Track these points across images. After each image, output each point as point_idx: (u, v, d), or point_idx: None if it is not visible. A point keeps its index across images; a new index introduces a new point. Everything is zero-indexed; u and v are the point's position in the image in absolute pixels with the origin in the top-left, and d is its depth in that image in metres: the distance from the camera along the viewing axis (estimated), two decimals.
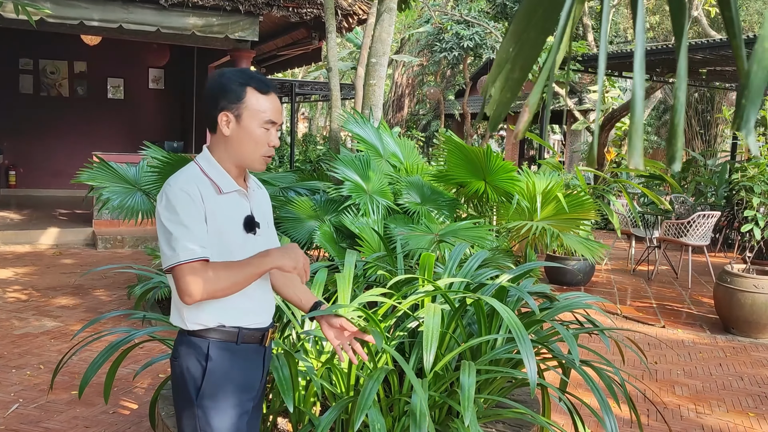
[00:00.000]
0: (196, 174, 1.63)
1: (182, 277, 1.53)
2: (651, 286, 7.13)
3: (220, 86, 1.63)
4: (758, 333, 5.22)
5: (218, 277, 1.54)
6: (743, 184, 5.37)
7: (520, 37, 0.60)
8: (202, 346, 1.64)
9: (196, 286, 1.53)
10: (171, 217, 1.56)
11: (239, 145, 1.64)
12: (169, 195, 1.58)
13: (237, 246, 1.64)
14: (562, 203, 4.87)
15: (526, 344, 2.02)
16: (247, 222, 1.68)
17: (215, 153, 1.68)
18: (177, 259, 1.53)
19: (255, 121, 1.62)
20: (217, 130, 1.65)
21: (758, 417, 3.71)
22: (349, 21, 8.39)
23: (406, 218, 4.84)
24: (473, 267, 2.90)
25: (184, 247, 1.53)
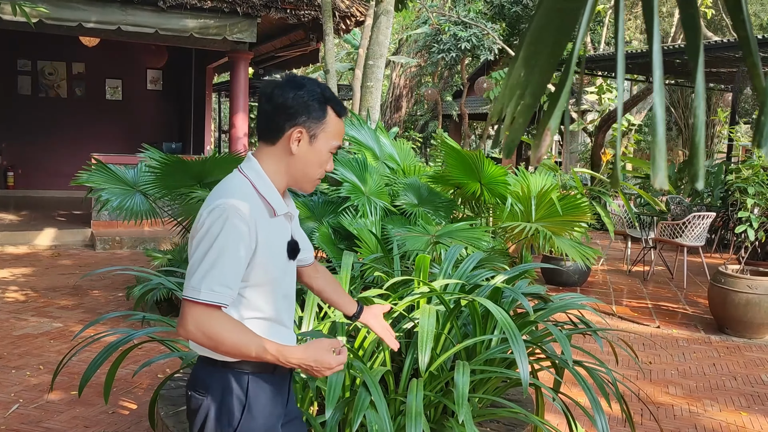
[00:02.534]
0: (250, 194, 1.47)
1: (190, 313, 1.40)
2: (646, 286, 7.18)
3: (300, 100, 1.48)
4: (752, 333, 5.26)
5: (225, 337, 1.40)
6: (737, 186, 5.42)
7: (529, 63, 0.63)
8: (240, 381, 1.52)
9: (198, 329, 1.40)
10: (212, 244, 1.40)
11: (302, 165, 1.52)
12: (221, 217, 1.41)
13: (280, 273, 1.54)
14: (556, 205, 4.91)
15: (519, 345, 2.06)
16: (291, 248, 1.57)
17: (267, 166, 1.52)
18: (197, 295, 1.39)
19: (327, 144, 1.52)
20: (281, 143, 1.51)
21: (751, 416, 3.75)
22: (347, 23, 8.43)
23: (403, 219, 4.88)
24: (468, 268, 2.94)
25: (209, 285, 1.39)
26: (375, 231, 4.70)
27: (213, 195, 1.47)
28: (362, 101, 5.98)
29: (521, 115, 0.59)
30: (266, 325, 1.54)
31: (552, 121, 0.58)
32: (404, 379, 2.37)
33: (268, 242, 1.48)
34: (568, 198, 5.03)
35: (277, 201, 1.51)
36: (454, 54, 17.34)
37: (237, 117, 8.99)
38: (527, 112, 0.59)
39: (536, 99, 0.59)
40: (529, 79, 0.58)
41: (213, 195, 1.47)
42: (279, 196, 1.52)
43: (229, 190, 1.46)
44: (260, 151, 1.54)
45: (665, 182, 0.55)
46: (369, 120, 5.87)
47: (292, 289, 1.65)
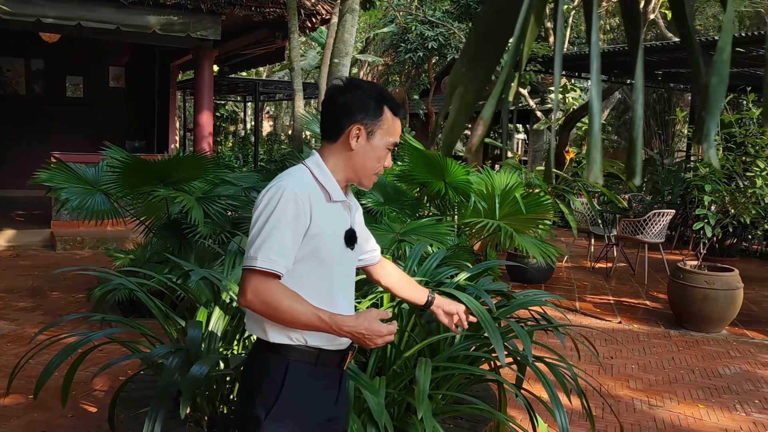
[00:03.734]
0: (307, 178, 1.61)
1: (249, 281, 1.51)
2: (609, 282, 7.31)
3: (359, 99, 1.61)
4: (709, 327, 5.40)
5: (282, 302, 1.50)
6: (695, 183, 5.55)
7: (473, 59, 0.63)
8: (280, 365, 1.60)
9: (256, 296, 1.50)
10: (269, 217, 1.52)
11: (362, 160, 1.63)
12: (277, 193, 1.54)
13: (334, 257, 1.63)
14: (519, 203, 4.97)
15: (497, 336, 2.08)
16: (349, 236, 1.66)
17: (328, 161, 1.64)
18: (254, 263, 1.50)
19: (383, 141, 1.63)
20: (341, 140, 1.62)
21: (707, 408, 3.85)
22: (313, 21, 8.40)
23: (369, 217, 4.87)
24: (432, 265, 2.95)
25: (266, 254, 1.50)
26: None
27: (275, 179, 1.61)
28: None
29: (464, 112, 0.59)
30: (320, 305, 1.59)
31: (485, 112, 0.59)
32: (368, 377, 2.37)
33: (322, 223, 1.58)
34: (532, 196, 5.09)
35: (333, 189, 1.62)
36: (421, 53, 17.40)
37: (202, 115, 8.88)
38: (469, 108, 0.59)
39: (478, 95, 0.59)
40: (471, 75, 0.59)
41: (275, 179, 1.61)
42: (336, 185, 1.63)
43: (288, 175, 1.61)
44: (322, 149, 1.67)
45: (599, 176, 0.56)
46: None
47: (349, 279, 1.72)
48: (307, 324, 1.53)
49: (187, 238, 4.72)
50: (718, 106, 0.54)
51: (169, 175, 4.85)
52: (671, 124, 17.12)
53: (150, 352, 2.34)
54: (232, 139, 18.37)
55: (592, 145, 0.56)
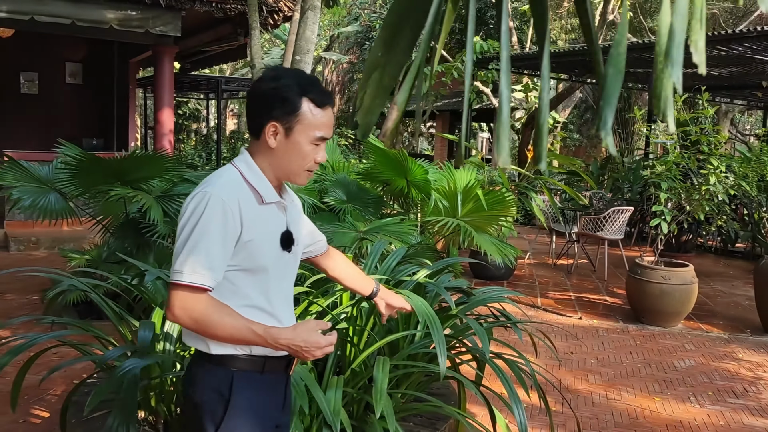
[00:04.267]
0: (236, 180, 1.50)
1: (175, 296, 1.41)
2: (570, 279, 7.41)
3: (274, 92, 1.48)
4: (666, 322, 5.52)
5: (212, 318, 1.41)
6: (652, 181, 5.66)
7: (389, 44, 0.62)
8: (225, 377, 1.51)
9: (184, 312, 1.41)
10: (194, 226, 1.42)
11: (284, 159, 1.52)
12: (203, 200, 1.44)
13: (270, 263, 1.53)
14: (481, 201, 5.00)
15: (439, 332, 2.08)
16: (285, 238, 1.56)
17: (257, 159, 1.54)
18: (180, 277, 1.41)
19: (306, 137, 1.50)
20: (262, 138, 1.51)
21: (663, 401, 3.93)
22: (275, 18, 8.32)
23: (332, 216, 4.85)
24: (393, 263, 2.95)
25: (192, 267, 1.41)
26: None
27: (201, 183, 1.50)
28: None
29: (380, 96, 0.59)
30: (256, 314, 1.51)
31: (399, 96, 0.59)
32: (327, 377, 2.36)
33: (255, 228, 1.49)
34: (493, 193, 5.13)
35: (265, 189, 1.52)
36: None
37: (162, 113, 8.72)
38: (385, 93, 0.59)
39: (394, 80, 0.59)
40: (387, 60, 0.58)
41: (201, 183, 1.50)
42: (269, 186, 1.53)
43: (215, 178, 1.50)
44: (251, 146, 1.56)
45: (508, 161, 0.57)
46: None
47: (287, 282, 1.64)
48: (241, 339, 1.45)
49: (146, 238, 4.63)
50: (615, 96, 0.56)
51: (127, 174, 4.75)
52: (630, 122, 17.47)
53: (102, 355, 2.28)
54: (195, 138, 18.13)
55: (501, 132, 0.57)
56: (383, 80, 0.59)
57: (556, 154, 8.22)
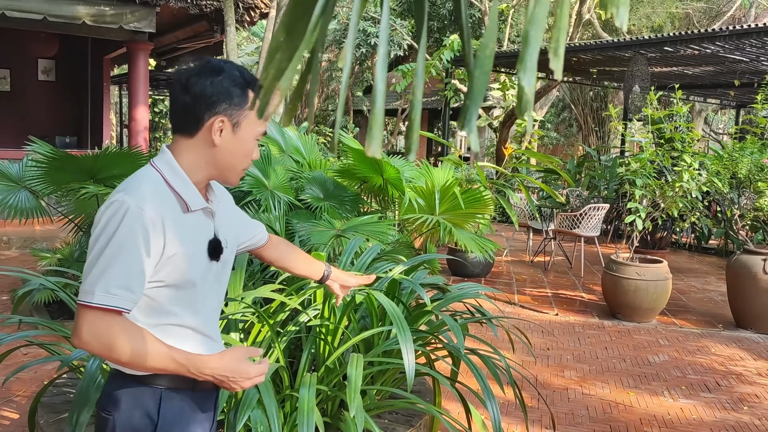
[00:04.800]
0: (158, 186, 1.34)
1: (84, 319, 1.25)
2: (547, 276, 7.46)
3: (219, 86, 1.36)
4: (641, 317, 5.58)
5: (126, 345, 1.25)
6: (627, 178, 5.72)
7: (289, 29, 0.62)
8: (152, 397, 1.36)
9: (94, 337, 1.25)
10: (109, 241, 1.26)
11: (228, 157, 1.39)
12: (120, 210, 1.27)
13: (197, 275, 1.38)
14: (459, 199, 5.01)
15: (406, 335, 2.07)
16: (212, 247, 1.41)
17: (184, 160, 1.38)
18: (90, 299, 1.24)
19: (251, 132, 1.39)
20: (201, 135, 1.37)
21: (637, 395, 3.97)
22: (251, 14, 8.26)
23: (309, 214, 4.82)
24: (368, 260, 2.93)
25: (105, 287, 1.24)
26: (279, 226, 4.63)
27: (117, 188, 1.34)
28: None
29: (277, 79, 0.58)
30: (183, 333, 1.39)
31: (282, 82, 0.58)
32: (300, 375, 2.34)
33: (179, 240, 1.33)
34: (470, 191, 5.14)
35: (192, 196, 1.37)
36: (364, 49, 17.40)
37: (137, 110, 8.62)
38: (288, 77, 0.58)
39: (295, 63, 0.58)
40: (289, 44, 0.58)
41: (117, 188, 1.34)
42: (195, 191, 1.38)
43: (135, 182, 1.33)
44: (177, 144, 1.40)
45: (378, 151, 0.57)
46: None
47: (217, 294, 1.49)
48: (159, 368, 1.29)
49: None
50: (481, 95, 0.57)
51: (99, 172, 4.68)
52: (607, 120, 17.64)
53: (70, 355, 2.24)
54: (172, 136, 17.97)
55: (374, 123, 0.57)
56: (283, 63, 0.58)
57: (534, 152, 8.27)
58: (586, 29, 19.78)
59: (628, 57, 7.77)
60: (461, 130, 0.56)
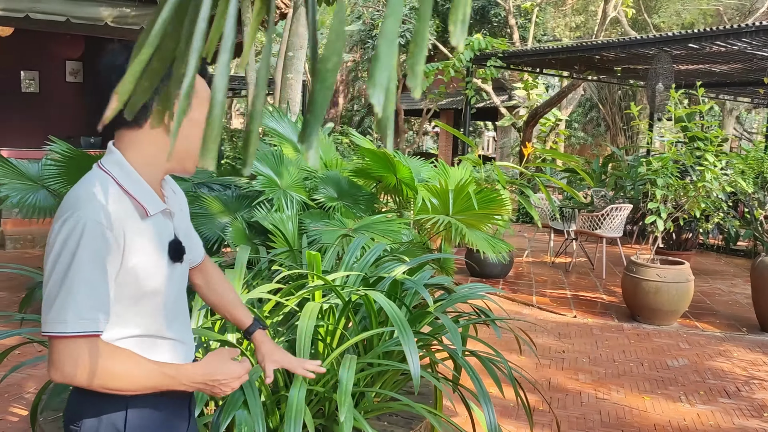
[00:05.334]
0: (113, 194, 1.21)
1: (62, 352, 1.14)
2: (568, 277, 7.34)
3: None
4: (661, 320, 5.44)
5: (115, 368, 1.18)
6: (647, 177, 5.59)
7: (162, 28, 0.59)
8: (117, 408, 1.27)
9: (78, 369, 1.15)
10: (70, 263, 1.14)
11: (184, 143, 1.28)
12: (76, 228, 1.15)
13: (161, 282, 1.29)
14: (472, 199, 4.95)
15: (409, 338, 2.03)
16: (174, 249, 1.32)
17: (135, 156, 1.27)
18: (64, 329, 1.13)
19: (203, 112, 1.26)
20: (149, 125, 1.24)
21: (653, 400, 3.87)
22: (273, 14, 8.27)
23: (322, 213, 4.81)
24: (370, 260, 2.90)
25: (77, 313, 1.14)
26: (292, 225, 4.63)
27: (67, 200, 1.19)
28: (282, 93, 5.88)
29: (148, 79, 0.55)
30: (155, 343, 1.31)
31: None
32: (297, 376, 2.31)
33: (142, 248, 1.24)
34: (485, 191, 5.07)
35: (149, 198, 1.26)
36: None
37: None
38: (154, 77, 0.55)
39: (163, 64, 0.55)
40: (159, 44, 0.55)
41: (67, 200, 1.19)
42: (152, 192, 1.27)
43: (87, 193, 1.20)
44: (124, 139, 1.27)
45: (212, 164, 0.54)
46: (289, 112, 5.78)
47: (181, 297, 1.40)
48: (150, 387, 1.22)
49: None
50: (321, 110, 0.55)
51: None
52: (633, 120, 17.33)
53: None
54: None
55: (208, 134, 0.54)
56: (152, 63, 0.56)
57: (553, 151, 8.15)
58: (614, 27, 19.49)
59: (652, 54, 7.61)
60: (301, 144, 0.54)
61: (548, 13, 19.18)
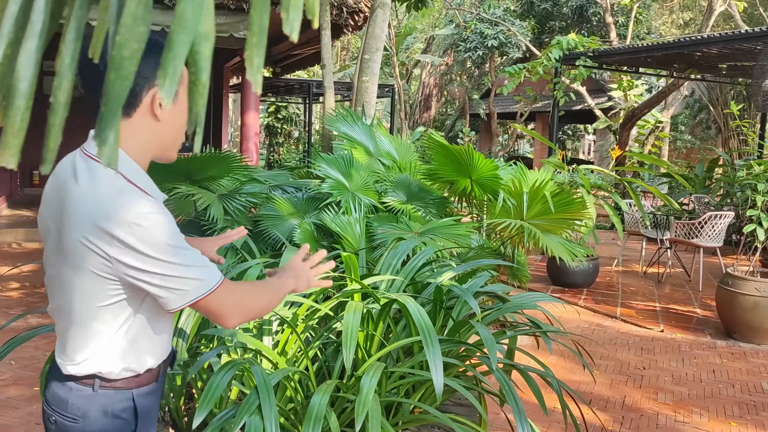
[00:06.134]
0: (127, 189, 1.19)
1: (216, 303, 1.24)
2: (660, 288, 6.88)
3: (149, 58, 1.20)
4: (760, 338, 4.97)
5: (253, 297, 1.34)
6: (747, 183, 5.13)
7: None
8: (126, 399, 1.30)
9: (238, 310, 1.29)
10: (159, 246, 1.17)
11: (172, 130, 1.30)
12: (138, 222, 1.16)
13: None
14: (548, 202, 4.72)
15: (434, 345, 1.92)
16: None
17: (129, 147, 1.25)
18: (206, 286, 1.22)
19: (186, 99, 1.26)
20: (139, 112, 1.25)
21: (740, 426, 3.51)
22: (355, 18, 8.33)
23: (390, 216, 4.75)
24: (418, 264, 2.80)
25: (204, 271, 1.22)
26: (359, 228, 4.60)
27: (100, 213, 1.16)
28: (357, 96, 5.87)
29: None
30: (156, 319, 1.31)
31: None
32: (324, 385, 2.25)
33: None
34: (561, 195, 4.83)
35: (155, 190, 1.27)
36: (481, 52, 17.10)
37: (248, 115, 8.98)
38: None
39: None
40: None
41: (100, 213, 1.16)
42: (152, 181, 1.27)
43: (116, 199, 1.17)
44: None
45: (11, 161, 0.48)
46: (364, 116, 5.76)
47: None
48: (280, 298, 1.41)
49: (206, 235, 4.74)
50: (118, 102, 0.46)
51: (195, 173, 4.89)
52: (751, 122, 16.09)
53: None
54: (290, 141, 18.63)
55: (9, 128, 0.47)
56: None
57: (645, 155, 7.68)
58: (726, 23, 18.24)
59: (760, 49, 7.01)
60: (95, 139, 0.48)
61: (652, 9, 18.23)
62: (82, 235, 1.17)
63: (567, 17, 18.17)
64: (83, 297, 1.22)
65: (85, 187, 1.20)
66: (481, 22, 16.86)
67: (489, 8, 16.39)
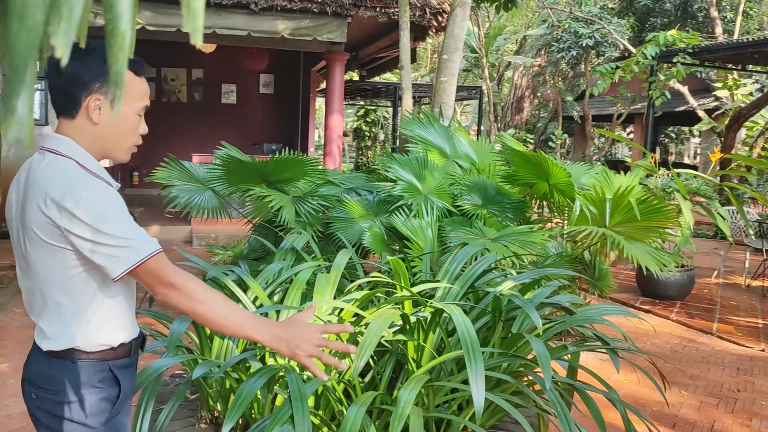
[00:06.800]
0: (78, 171, 1.33)
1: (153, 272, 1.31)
2: (764, 303, 6.32)
3: (91, 66, 1.34)
4: None
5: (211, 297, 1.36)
6: None
7: None
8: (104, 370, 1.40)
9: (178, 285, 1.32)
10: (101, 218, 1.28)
11: (112, 135, 1.40)
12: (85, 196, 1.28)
13: None
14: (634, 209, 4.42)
15: (476, 359, 1.78)
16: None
17: (80, 141, 1.38)
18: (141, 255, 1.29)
19: (132, 108, 1.41)
20: (81, 115, 1.36)
21: None
22: (439, 20, 8.22)
23: (464, 221, 4.61)
24: (478, 270, 2.65)
25: (139, 242, 1.29)
26: (431, 232, 4.50)
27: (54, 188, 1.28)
28: (435, 97, 5.76)
29: None
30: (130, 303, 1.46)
31: None
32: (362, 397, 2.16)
33: None
34: (647, 201, 4.50)
35: (107, 176, 1.39)
36: (575, 52, 16.51)
37: (332, 118, 9.05)
38: None
39: None
40: None
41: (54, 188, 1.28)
42: (104, 169, 1.41)
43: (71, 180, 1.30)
44: (63, 127, 1.39)
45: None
46: (441, 117, 5.64)
47: None
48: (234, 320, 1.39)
49: (279, 236, 4.77)
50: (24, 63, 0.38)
51: (271, 175, 4.95)
52: None
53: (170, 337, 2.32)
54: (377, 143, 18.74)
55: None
56: None
57: (752, 159, 7.09)
58: None
59: None
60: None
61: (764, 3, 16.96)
62: (39, 208, 1.29)
63: (670, 13, 17.24)
64: (47, 271, 1.33)
65: (42, 171, 1.33)
66: (576, 21, 16.27)
67: (583, 6, 15.79)
